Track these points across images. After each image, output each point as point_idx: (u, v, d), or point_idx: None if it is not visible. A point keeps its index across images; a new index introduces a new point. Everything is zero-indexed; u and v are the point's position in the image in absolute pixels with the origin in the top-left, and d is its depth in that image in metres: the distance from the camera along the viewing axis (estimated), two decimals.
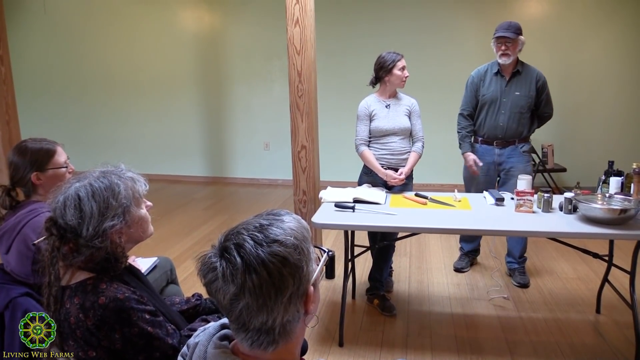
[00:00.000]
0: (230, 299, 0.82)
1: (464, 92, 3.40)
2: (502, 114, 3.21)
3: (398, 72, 2.95)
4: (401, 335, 2.74)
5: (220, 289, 0.83)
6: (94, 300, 1.24)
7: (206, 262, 0.86)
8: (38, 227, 1.75)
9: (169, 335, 1.33)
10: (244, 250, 0.82)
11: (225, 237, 0.87)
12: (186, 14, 6.52)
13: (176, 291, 2.26)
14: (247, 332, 0.85)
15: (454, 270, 3.58)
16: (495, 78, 3.25)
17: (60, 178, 1.91)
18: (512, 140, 3.25)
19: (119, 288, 1.28)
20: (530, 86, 3.18)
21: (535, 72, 3.21)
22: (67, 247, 1.27)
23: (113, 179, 1.31)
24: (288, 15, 3.20)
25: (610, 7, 5.42)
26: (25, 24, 6.91)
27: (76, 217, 1.25)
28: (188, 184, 6.74)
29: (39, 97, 7.09)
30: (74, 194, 1.27)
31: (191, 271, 3.62)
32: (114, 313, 1.23)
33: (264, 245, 0.83)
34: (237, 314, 0.83)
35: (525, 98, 3.18)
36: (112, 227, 1.28)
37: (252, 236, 0.84)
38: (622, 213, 2.29)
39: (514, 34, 3.07)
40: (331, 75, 5.92)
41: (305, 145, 3.34)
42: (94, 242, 1.26)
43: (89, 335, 1.24)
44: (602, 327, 2.78)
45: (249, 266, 0.81)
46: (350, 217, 2.55)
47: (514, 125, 3.21)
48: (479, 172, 3.29)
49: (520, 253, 3.37)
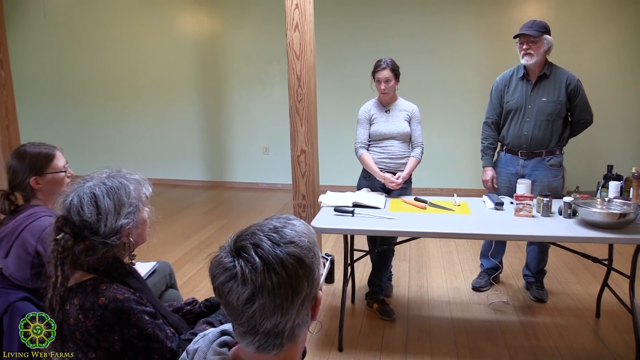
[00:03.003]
0: (246, 299, 0.80)
1: (489, 98, 3.21)
2: (526, 122, 2.97)
3: (376, 82, 2.96)
4: (401, 340, 2.73)
5: (233, 290, 0.81)
6: (93, 300, 1.24)
7: (220, 263, 0.84)
8: (37, 232, 1.75)
9: (168, 338, 1.33)
10: (262, 249, 0.82)
11: (238, 237, 0.86)
12: (186, 18, 6.54)
13: (175, 296, 2.26)
14: (256, 335, 0.84)
15: (472, 289, 3.33)
16: (521, 83, 3.01)
17: (58, 182, 1.92)
18: (539, 151, 3.00)
19: (119, 289, 1.29)
20: (559, 91, 2.92)
21: (565, 75, 2.94)
22: (83, 245, 1.29)
23: (122, 180, 1.35)
24: (287, 20, 3.21)
25: (610, 10, 5.43)
26: (25, 28, 6.93)
27: (94, 214, 1.28)
28: (187, 188, 6.74)
29: (38, 101, 7.10)
30: (89, 192, 1.30)
31: (191, 275, 3.62)
32: (114, 313, 1.24)
33: (282, 246, 0.83)
34: (249, 315, 0.81)
35: (552, 104, 2.92)
36: (126, 225, 1.32)
37: (269, 236, 0.84)
38: (622, 217, 2.30)
39: (536, 32, 2.83)
40: (331, 79, 5.93)
41: (304, 149, 3.34)
42: (111, 239, 1.29)
43: (88, 336, 1.24)
44: (602, 332, 2.78)
45: (268, 265, 0.81)
46: (349, 222, 2.55)
47: (539, 135, 2.96)
48: (501, 182, 3.14)
49: (539, 267, 3.21)
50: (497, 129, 3.19)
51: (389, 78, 2.92)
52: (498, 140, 3.20)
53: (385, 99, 3.02)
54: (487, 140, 3.20)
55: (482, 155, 3.22)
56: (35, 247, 1.73)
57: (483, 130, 3.23)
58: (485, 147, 3.20)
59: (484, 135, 3.22)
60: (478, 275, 3.43)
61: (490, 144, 3.20)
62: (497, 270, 3.36)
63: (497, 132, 3.19)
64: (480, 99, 4.20)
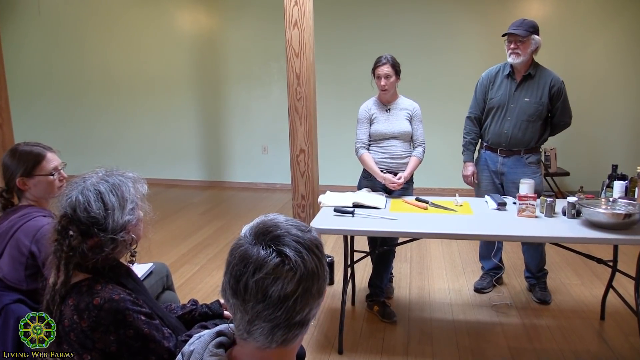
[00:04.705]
0: (294, 286, 0.82)
1: (474, 93, 3.23)
2: (507, 121, 3.02)
3: (377, 79, 2.96)
4: (402, 343, 2.73)
5: (279, 280, 0.82)
6: (88, 301, 1.24)
7: (255, 257, 0.83)
8: (31, 232, 1.75)
9: (165, 338, 1.33)
10: (297, 236, 0.87)
11: (262, 231, 0.87)
12: (183, 16, 6.54)
13: (172, 298, 2.26)
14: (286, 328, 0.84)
15: (474, 291, 3.32)
16: (506, 81, 3.04)
17: (46, 186, 1.88)
18: (517, 150, 3.05)
19: (115, 289, 1.29)
20: (542, 92, 2.95)
21: (550, 77, 2.96)
22: (92, 241, 1.30)
23: (121, 178, 1.38)
24: (286, 17, 3.21)
25: (613, 7, 5.43)
26: (19, 26, 6.92)
27: (102, 210, 1.30)
28: (185, 188, 6.73)
29: (33, 100, 7.09)
30: (94, 189, 1.31)
31: (188, 277, 3.61)
32: (109, 314, 1.23)
33: (306, 232, 0.89)
34: (288, 306, 0.83)
35: (534, 105, 2.95)
36: (131, 221, 1.35)
37: (291, 225, 0.89)
38: (627, 217, 2.29)
39: (524, 32, 2.86)
40: (330, 78, 5.93)
41: (304, 149, 3.34)
42: (120, 234, 1.31)
43: (83, 337, 1.24)
44: (606, 335, 2.78)
45: (308, 249, 0.86)
46: (349, 222, 2.55)
47: (519, 134, 3.01)
48: (483, 180, 3.19)
49: (538, 267, 3.20)
50: (480, 125, 3.23)
51: (390, 74, 2.91)
52: (480, 136, 3.25)
53: (385, 96, 3.02)
54: (469, 135, 3.25)
55: (464, 150, 3.27)
56: (29, 247, 1.72)
57: (465, 124, 3.27)
58: (467, 142, 3.25)
59: (467, 130, 3.26)
60: (480, 277, 3.43)
61: (472, 139, 3.24)
62: (499, 270, 3.35)
63: (479, 128, 3.23)
64: None
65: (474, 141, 3.25)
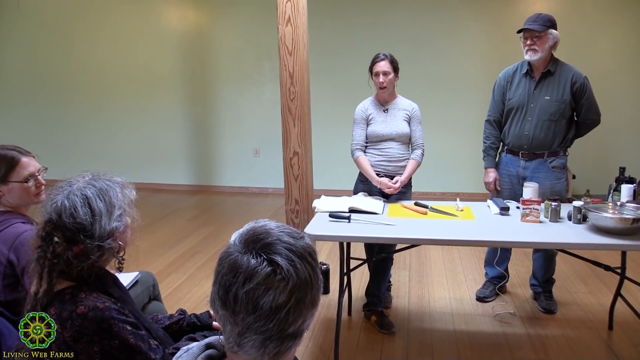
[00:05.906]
0: (286, 296, 0.82)
1: (491, 95, 3.22)
2: (528, 121, 2.98)
3: (375, 76, 2.96)
4: (400, 355, 2.73)
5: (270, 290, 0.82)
6: (71, 310, 1.23)
7: (245, 266, 0.83)
8: (9, 240, 1.74)
9: (152, 350, 1.32)
10: (288, 244, 0.86)
11: (252, 240, 0.87)
12: (170, 12, 6.53)
13: (159, 309, 2.24)
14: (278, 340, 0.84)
15: (476, 300, 3.32)
16: (524, 80, 3.01)
17: (23, 192, 1.86)
18: (540, 152, 3.02)
19: (99, 298, 1.28)
20: (563, 89, 2.91)
21: (571, 72, 2.93)
22: (78, 248, 1.30)
23: (109, 182, 1.38)
24: (279, 14, 3.21)
25: (620, 3, 5.48)
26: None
27: (89, 216, 1.29)
28: (172, 192, 6.72)
29: (15, 101, 7.06)
30: (80, 194, 1.31)
31: (176, 286, 3.60)
32: (93, 323, 1.23)
33: (299, 239, 0.89)
34: (280, 317, 0.83)
35: (556, 103, 2.92)
36: (118, 228, 1.35)
37: (283, 232, 0.89)
38: (635, 222, 2.30)
39: (541, 27, 2.84)
40: (325, 77, 5.95)
41: (297, 151, 3.34)
42: (107, 242, 1.31)
43: (65, 348, 1.23)
44: (615, 345, 2.79)
45: (301, 258, 0.85)
46: (345, 228, 2.55)
47: (541, 135, 2.97)
48: (503, 185, 3.16)
49: (546, 276, 3.21)
50: (500, 128, 3.20)
51: (388, 71, 2.92)
52: (501, 139, 3.22)
53: (383, 95, 3.02)
54: (489, 139, 3.22)
55: (484, 155, 3.24)
56: (7, 256, 1.71)
57: (485, 128, 3.25)
58: (487, 147, 3.22)
59: (486, 134, 3.24)
60: (483, 285, 3.42)
61: (492, 143, 3.21)
62: (503, 279, 3.34)
63: (499, 131, 3.21)
64: (485, 97, 4.21)
65: (495, 145, 3.22)
